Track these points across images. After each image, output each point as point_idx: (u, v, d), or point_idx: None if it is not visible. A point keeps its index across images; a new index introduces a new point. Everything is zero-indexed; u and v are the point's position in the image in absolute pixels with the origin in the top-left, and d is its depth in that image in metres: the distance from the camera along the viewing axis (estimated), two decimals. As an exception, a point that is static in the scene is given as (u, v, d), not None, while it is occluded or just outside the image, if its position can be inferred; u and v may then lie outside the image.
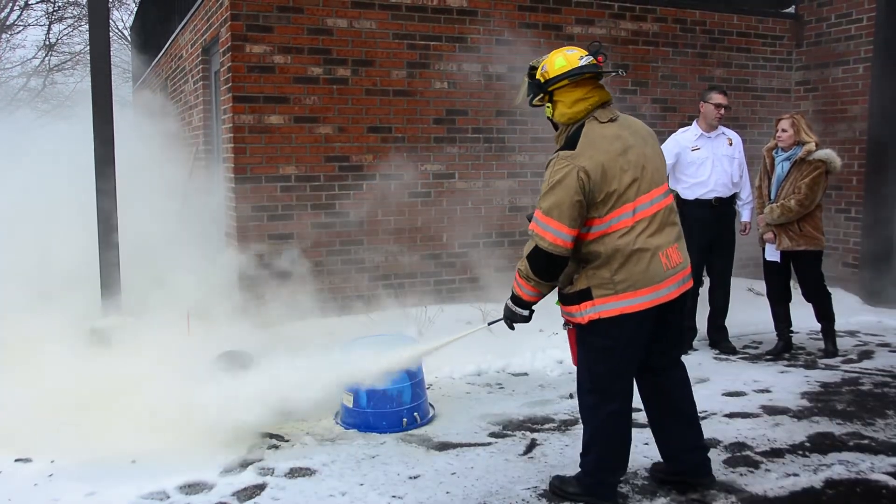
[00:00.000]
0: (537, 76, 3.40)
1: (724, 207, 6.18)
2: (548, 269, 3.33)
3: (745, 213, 6.46)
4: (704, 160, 6.07)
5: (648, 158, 3.35)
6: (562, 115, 3.35)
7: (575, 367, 5.61)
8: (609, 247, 3.26)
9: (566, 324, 3.53)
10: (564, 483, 3.66)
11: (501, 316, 3.68)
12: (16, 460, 4.05)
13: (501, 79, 7.16)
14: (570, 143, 3.29)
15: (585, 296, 3.32)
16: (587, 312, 3.33)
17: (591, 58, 3.34)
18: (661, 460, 3.79)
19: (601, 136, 3.28)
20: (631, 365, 3.44)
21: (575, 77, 3.30)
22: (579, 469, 3.62)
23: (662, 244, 3.31)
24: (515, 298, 3.51)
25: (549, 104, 3.40)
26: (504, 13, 7.14)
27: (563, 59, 3.33)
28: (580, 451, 3.62)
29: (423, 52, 6.87)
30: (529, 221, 3.37)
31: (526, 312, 3.54)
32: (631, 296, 3.27)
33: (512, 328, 3.69)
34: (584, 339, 3.43)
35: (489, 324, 4.14)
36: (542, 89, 3.36)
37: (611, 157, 3.24)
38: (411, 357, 4.50)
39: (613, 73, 3.58)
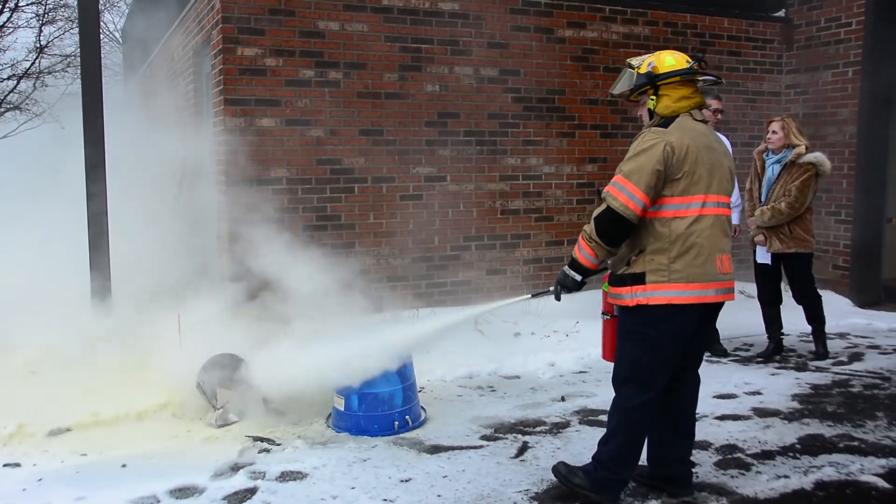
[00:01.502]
0: (643, 70, 3.56)
1: None
2: (612, 231, 3.42)
3: (733, 217, 6.47)
4: None
5: (724, 167, 3.52)
6: (665, 107, 3.53)
7: (568, 369, 5.61)
8: (675, 232, 3.38)
9: (605, 313, 3.67)
10: (571, 473, 3.64)
11: (548, 288, 3.83)
12: (4, 465, 4.03)
13: (493, 82, 7.17)
14: (663, 126, 3.48)
15: (639, 279, 3.43)
16: (637, 296, 3.42)
17: (695, 63, 3.55)
18: (646, 462, 3.80)
19: (692, 128, 3.48)
20: (672, 359, 3.49)
21: (686, 76, 3.51)
22: (591, 461, 3.62)
23: (720, 248, 3.45)
24: (573, 262, 3.62)
25: (653, 97, 3.57)
26: (495, 16, 7.15)
27: (673, 58, 3.54)
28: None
29: (415, 55, 6.87)
30: (598, 195, 3.53)
31: (579, 278, 3.62)
32: (682, 287, 3.37)
33: (558, 298, 3.76)
34: (630, 327, 3.50)
35: (533, 295, 4.25)
36: (652, 82, 3.53)
37: (696, 144, 3.42)
38: (454, 322, 4.81)
39: (715, 80, 3.75)
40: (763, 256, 6.19)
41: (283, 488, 3.80)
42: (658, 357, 3.45)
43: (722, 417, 4.80)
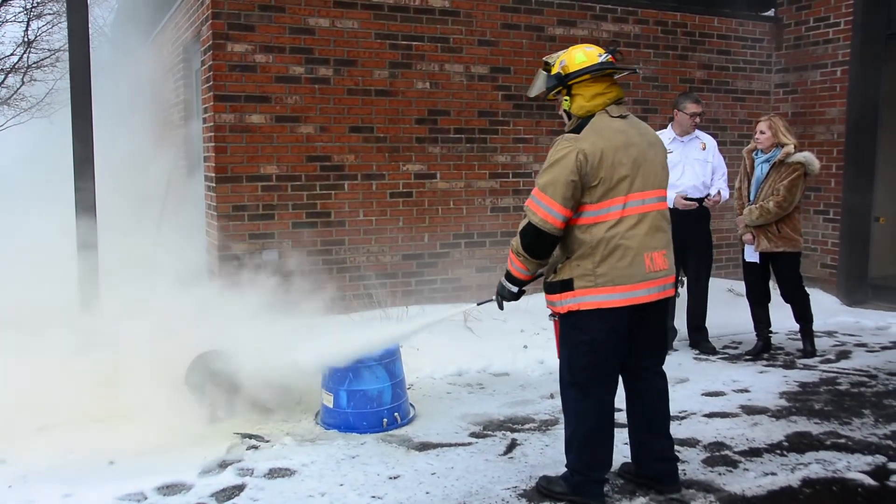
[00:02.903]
0: (554, 71, 3.47)
1: (697, 209, 6.18)
2: (535, 244, 3.40)
3: (715, 190, 6.30)
4: (676, 164, 6.08)
5: (647, 160, 3.42)
6: (580, 107, 3.44)
7: (557, 366, 5.62)
8: (595, 237, 3.33)
9: (552, 315, 3.62)
10: (551, 483, 3.67)
11: (491, 297, 3.80)
12: (-10, 462, 4.00)
13: (483, 79, 7.17)
14: (577, 130, 3.40)
15: (567, 286, 3.39)
16: (567, 302, 3.40)
17: (609, 55, 3.44)
18: (631, 461, 3.82)
19: (607, 127, 3.38)
20: (610, 362, 3.47)
21: (596, 72, 3.40)
22: (565, 468, 3.64)
23: (649, 246, 3.38)
24: (507, 274, 3.61)
25: (567, 97, 3.48)
26: (486, 14, 7.15)
27: (584, 54, 3.43)
28: (563, 449, 3.63)
29: (406, 52, 6.86)
30: None
31: (515, 289, 3.61)
32: (609, 291, 3.33)
33: (501, 307, 3.75)
34: (565, 332, 3.49)
35: (478, 304, 4.30)
36: (562, 83, 3.44)
37: (612, 146, 3.33)
38: (402, 333, 4.92)
39: (630, 71, 3.66)
40: (751, 255, 6.21)
41: (272, 485, 3.79)
42: (593, 361, 3.42)
43: (710, 415, 4.82)
